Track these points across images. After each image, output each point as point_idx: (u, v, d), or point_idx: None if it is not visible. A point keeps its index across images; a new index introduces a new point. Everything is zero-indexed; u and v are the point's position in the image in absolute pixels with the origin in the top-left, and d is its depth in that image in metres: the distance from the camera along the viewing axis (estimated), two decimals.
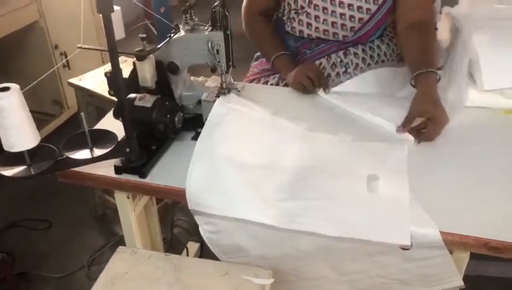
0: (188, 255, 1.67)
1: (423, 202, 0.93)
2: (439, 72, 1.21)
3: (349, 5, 1.32)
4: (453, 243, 0.88)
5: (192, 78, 1.26)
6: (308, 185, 0.98)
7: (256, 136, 1.10)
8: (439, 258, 0.92)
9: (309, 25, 1.37)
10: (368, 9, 1.32)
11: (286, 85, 1.39)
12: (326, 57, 1.39)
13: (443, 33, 1.55)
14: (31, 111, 0.95)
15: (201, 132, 1.08)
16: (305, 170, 1.02)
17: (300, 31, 1.40)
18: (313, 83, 1.28)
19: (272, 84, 1.43)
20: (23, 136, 0.93)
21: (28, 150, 0.96)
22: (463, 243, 0.88)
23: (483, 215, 0.92)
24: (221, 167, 1.01)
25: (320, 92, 1.29)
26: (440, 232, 0.88)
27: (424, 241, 0.89)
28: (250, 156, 1.04)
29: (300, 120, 1.16)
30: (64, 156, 1.01)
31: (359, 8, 1.32)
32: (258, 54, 1.56)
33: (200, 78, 1.34)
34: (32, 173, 0.97)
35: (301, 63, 1.37)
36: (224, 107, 1.12)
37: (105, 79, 1.11)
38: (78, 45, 1.07)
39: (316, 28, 1.37)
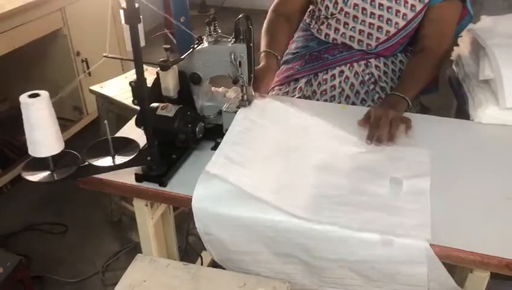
0: (202, 264, 1.67)
1: (443, 220, 0.93)
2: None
3: (380, 16, 1.35)
4: (474, 262, 0.87)
5: (213, 88, 1.27)
6: (332, 185, 1.01)
7: (278, 145, 1.10)
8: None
9: (336, 30, 1.40)
10: (396, 23, 1.34)
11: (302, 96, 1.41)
12: (348, 65, 1.40)
13: (464, 49, 1.55)
14: None
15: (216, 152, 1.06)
16: (329, 171, 1.04)
17: (327, 35, 1.42)
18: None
19: (287, 92, 1.45)
20: (49, 142, 0.94)
21: (52, 156, 0.98)
22: (484, 263, 0.87)
23: (505, 234, 0.90)
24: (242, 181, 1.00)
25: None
26: (461, 251, 0.87)
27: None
28: (272, 165, 1.04)
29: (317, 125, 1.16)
30: (87, 163, 1.03)
31: (388, 20, 1.34)
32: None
33: (221, 89, 1.35)
34: (56, 178, 0.99)
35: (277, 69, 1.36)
36: (247, 119, 1.12)
37: (126, 87, 1.13)
38: (104, 54, 1.09)
39: (343, 33, 1.39)
